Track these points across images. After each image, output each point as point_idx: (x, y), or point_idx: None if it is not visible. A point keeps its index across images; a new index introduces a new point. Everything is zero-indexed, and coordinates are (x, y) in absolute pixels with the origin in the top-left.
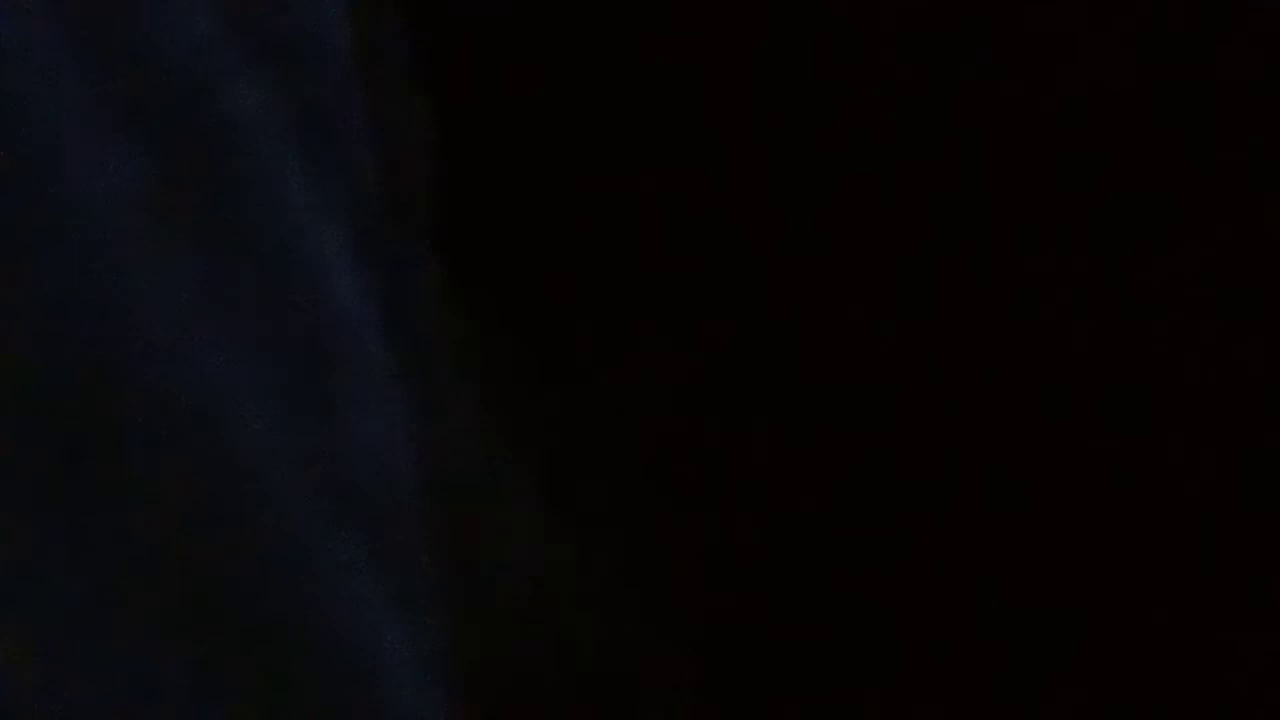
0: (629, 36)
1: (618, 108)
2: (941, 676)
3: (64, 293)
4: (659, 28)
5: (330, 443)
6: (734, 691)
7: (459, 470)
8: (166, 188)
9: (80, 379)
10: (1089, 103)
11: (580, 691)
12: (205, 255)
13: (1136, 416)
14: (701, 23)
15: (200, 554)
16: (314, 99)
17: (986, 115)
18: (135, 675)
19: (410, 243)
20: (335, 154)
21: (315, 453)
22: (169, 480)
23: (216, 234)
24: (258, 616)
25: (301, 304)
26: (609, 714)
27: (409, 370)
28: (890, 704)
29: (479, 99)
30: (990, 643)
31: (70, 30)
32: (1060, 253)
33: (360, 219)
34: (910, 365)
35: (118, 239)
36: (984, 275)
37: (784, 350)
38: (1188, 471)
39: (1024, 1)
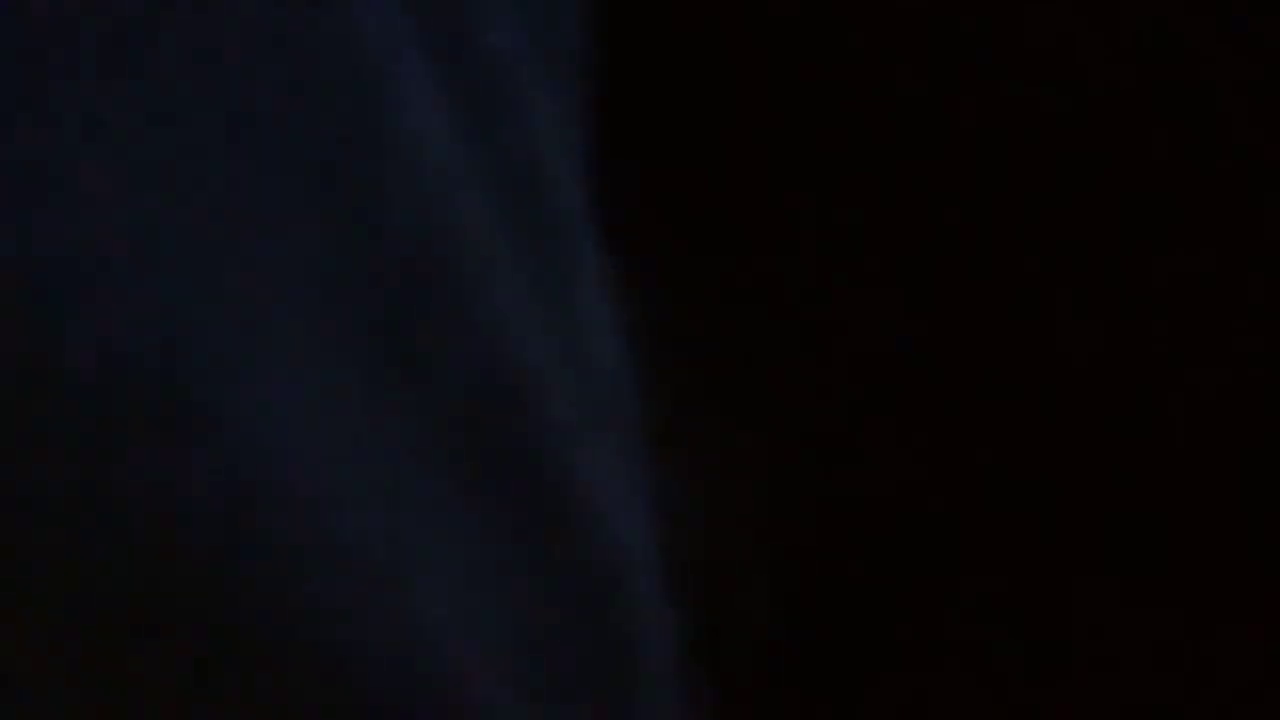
0: None
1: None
2: (927, 688)
3: (405, 216)
4: None
5: (573, 335)
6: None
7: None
8: (461, 119)
9: (409, 276)
10: (1089, 103)
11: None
12: (488, 173)
13: (1136, 417)
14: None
15: (486, 428)
16: (547, 37)
17: (986, 115)
18: (426, 519)
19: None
20: (563, 86)
21: (563, 341)
22: (471, 357)
23: (491, 155)
24: (529, 490)
25: (550, 219)
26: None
27: (626, 288)
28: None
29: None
30: (986, 642)
31: None
32: (1060, 253)
33: (583, 146)
34: (909, 364)
35: (441, 169)
36: (983, 275)
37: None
38: (1188, 472)
39: (1024, 1)
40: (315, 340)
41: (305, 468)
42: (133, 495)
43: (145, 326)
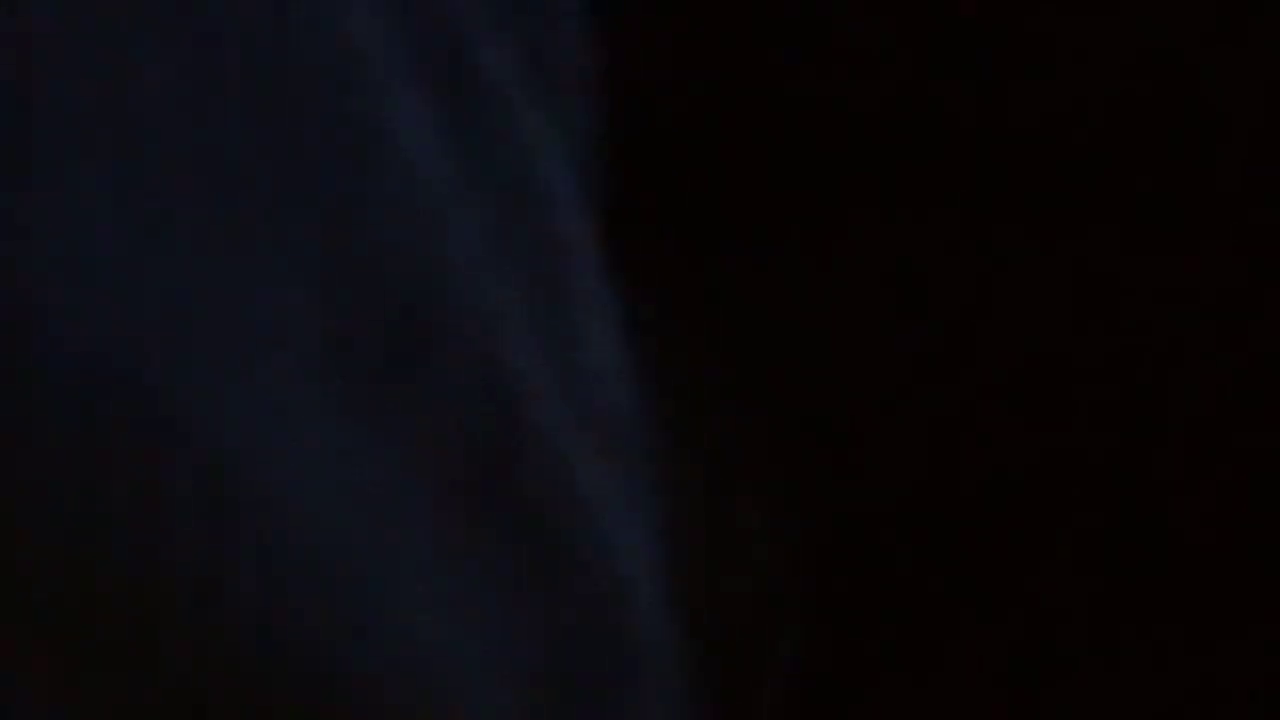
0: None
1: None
2: (928, 688)
3: (397, 233)
4: None
5: (570, 360)
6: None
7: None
8: (447, 135)
9: (402, 300)
10: (1089, 103)
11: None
12: (482, 197)
13: (1136, 417)
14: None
15: (483, 444)
16: (545, 53)
17: (986, 115)
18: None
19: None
20: (562, 103)
21: (560, 366)
22: (466, 380)
23: (485, 178)
24: (525, 498)
25: (547, 241)
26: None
27: (619, 297)
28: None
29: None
30: (986, 642)
31: None
32: (1060, 253)
33: (584, 163)
34: (910, 365)
35: (427, 184)
36: (983, 275)
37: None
38: (1188, 472)
39: (1024, 1)
40: (305, 352)
41: (292, 477)
42: (114, 498)
43: (128, 331)
